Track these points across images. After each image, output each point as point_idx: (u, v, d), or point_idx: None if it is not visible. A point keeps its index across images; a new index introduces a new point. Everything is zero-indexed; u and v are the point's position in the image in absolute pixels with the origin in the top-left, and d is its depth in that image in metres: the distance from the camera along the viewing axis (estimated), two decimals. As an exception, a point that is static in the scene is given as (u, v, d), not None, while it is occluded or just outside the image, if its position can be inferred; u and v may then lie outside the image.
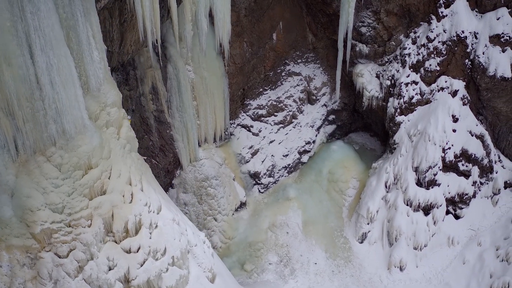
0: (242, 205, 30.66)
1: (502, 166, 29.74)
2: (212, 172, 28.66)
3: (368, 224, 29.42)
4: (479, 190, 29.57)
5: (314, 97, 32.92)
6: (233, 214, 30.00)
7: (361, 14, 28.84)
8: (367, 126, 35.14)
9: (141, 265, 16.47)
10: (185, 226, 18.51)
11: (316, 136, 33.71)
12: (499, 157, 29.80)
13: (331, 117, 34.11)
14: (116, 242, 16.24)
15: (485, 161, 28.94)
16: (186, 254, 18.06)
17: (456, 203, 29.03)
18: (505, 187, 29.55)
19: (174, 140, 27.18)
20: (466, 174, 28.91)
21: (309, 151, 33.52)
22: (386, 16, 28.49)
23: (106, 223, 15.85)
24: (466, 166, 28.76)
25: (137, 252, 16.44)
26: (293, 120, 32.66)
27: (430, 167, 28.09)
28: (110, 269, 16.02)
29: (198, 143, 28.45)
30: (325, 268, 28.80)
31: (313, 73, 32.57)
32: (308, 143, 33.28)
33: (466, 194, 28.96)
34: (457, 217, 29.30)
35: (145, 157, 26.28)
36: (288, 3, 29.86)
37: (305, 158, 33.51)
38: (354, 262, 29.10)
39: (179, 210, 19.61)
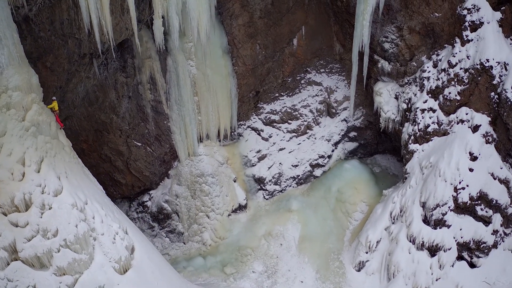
0: (242, 207, 30.27)
1: (536, 220, 25.85)
2: (209, 170, 28.64)
3: (367, 253, 27.45)
4: (502, 241, 26.00)
5: (334, 110, 31.16)
6: (229, 215, 29.74)
7: (385, 29, 26.56)
8: (396, 150, 32.22)
9: (29, 240, 17.23)
10: (93, 214, 18.92)
11: (332, 151, 31.97)
12: (532, 209, 25.90)
13: (352, 134, 32.08)
14: (4, 214, 17.15)
15: (510, 210, 25.37)
16: (87, 240, 18.49)
17: (472, 250, 25.87)
18: (536, 244, 25.71)
19: (171, 132, 27.62)
20: (486, 221, 25.63)
21: (323, 166, 31.88)
22: (409, 33, 25.96)
23: (-9, 195, 16.83)
24: (486, 211, 25.48)
25: (25, 227, 17.22)
26: (307, 130, 31.29)
27: (438, 205, 25.39)
28: (-5, 236, 17.00)
29: (200, 138, 28.57)
30: (311, 289, 27.51)
31: (336, 85, 30.84)
32: (322, 157, 31.65)
33: (484, 243, 25.64)
34: (472, 265, 26.15)
35: (140, 144, 27.20)
36: (313, 9, 28.47)
37: (318, 172, 31.93)
38: (344, 289, 27.42)
39: (98, 200, 19.90)
